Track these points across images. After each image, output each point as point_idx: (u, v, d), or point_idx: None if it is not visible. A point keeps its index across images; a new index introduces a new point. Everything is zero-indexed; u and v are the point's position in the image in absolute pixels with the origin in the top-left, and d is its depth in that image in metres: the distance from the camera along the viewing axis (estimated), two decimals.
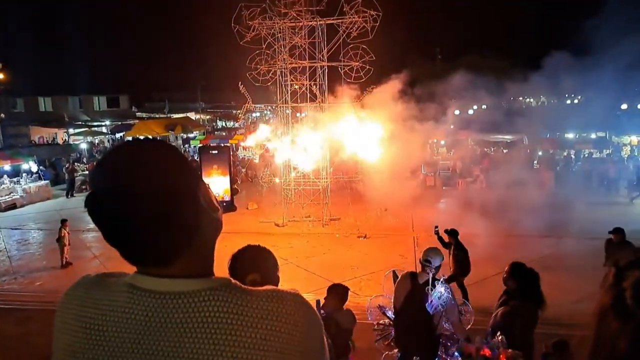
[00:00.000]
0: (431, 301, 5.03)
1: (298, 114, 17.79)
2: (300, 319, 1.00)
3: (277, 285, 1.38)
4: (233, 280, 1.04)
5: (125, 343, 0.97)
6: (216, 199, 1.11)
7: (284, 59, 15.56)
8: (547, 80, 21.13)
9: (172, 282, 1.00)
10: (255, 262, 2.33)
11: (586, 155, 25.81)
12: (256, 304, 0.98)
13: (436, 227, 9.56)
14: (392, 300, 5.46)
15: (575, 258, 10.78)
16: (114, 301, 1.01)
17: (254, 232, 14.64)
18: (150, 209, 0.95)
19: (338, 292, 5.18)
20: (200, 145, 25.10)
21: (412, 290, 5.13)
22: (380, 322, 5.73)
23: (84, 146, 33.15)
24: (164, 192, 0.97)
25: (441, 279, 5.16)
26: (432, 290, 5.06)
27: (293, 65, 15.67)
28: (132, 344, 0.97)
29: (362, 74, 14.92)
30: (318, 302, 5.08)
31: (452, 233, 9.40)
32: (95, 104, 45.26)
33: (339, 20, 14.95)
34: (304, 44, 15.45)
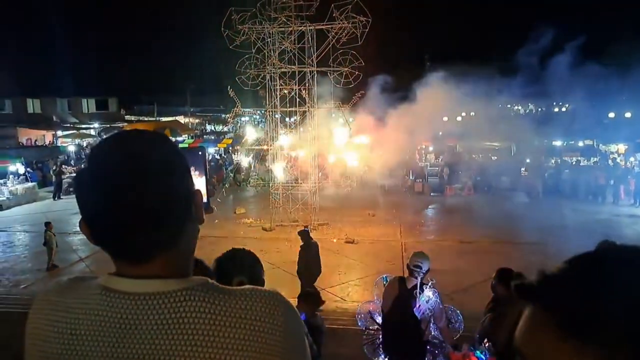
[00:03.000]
0: (419, 305, 5.04)
1: (287, 119, 17.80)
2: (280, 318, 0.97)
3: None
4: (210, 280, 1.01)
5: (100, 347, 0.95)
6: (203, 210, 1.09)
7: (273, 63, 15.58)
8: (535, 88, 21.33)
9: (146, 282, 0.97)
10: (240, 266, 2.32)
11: (574, 163, 25.98)
12: (234, 303, 0.96)
13: (306, 226, 10.13)
14: (381, 306, 5.47)
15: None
16: (87, 304, 0.98)
17: (242, 236, 14.57)
18: (146, 205, 0.94)
19: (313, 299, 5.20)
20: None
21: (400, 295, 5.14)
22: (371, 327, 5.73)
23: (72, 148, 32.81)
24: (164, 191, 0.96)
25: (429, 284, 5.18)
26: (420, 294, 5.07)
27: (282, 69, 15.69)
28: (107, 348, 0.94)
29: (351, 79, 14.99)
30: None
31: (302, 233, 9.55)
32: (84, 106, 44.92)
33: (328, 26, 15.01)
34: (294, 48, 15.48)
